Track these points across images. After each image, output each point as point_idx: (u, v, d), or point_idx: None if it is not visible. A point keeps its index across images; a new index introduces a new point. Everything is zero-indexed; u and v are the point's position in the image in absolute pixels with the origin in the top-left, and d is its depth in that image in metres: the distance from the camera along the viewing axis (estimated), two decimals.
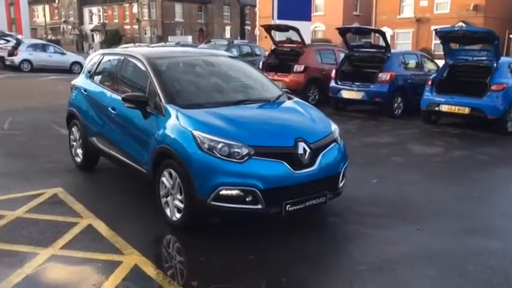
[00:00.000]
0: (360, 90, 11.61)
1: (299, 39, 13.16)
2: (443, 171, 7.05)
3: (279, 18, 16.34)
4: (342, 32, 12.50)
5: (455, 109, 9.97)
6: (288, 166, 4.27)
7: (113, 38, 56.34)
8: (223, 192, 4.16)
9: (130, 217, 4.97)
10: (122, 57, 5.80)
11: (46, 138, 8.64)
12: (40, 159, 7.17)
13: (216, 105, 4.84)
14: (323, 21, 39.91)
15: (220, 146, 4.20)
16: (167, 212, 4.65)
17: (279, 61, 13.96)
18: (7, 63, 25.13)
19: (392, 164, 7.33)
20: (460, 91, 10.01)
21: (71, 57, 25.98)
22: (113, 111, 5.48)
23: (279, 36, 14.74)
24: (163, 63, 5.33)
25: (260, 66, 13.92)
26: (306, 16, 17.49)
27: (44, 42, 28.91)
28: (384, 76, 11.30)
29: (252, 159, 4.20)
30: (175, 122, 4.54)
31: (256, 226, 4.73)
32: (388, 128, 10.27)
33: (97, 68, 6.35)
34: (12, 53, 24.98)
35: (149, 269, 3.80)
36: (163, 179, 4.63)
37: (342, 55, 13.31)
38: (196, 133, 4.32)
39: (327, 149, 4.65)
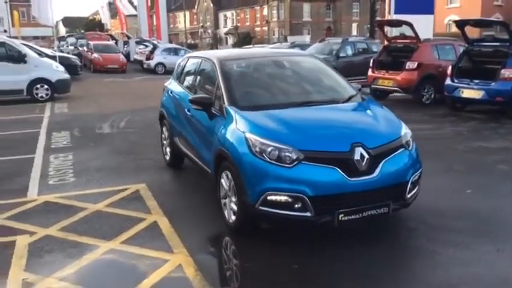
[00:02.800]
0: (479, 89, 10.45)
1: (413, 35, 12.31)
2: None
3: (396, 12, 15.48)
4: (460, 24, 11.40)
5: None
6: (342, 173, 4.00)
7: (244, 40, 58.51)
8: (271, 197, 4.03)
9: (197, 217, 5.07)
10: (200, 60, 5.96)
11: (152, 136, 9.18)
12: (139, 156, 7.69)
13: (278, 107, 4.71)
14: (459, 14, 36.88)
15: (269, 149, 4.08)
16: (226, 214, 4.66)
17: (392, 58, 13.22)
18: (145, 66, 27.52)
19: (496, 173, 6.46)
20: None
21: None
22: (188, 113, 5.66)
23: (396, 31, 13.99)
24: (232, 65, 5.37)
25: (370, 64, 13.31)
26: (428, 9, 16.28)
27: (176, 46, 31.16)
28: (508, 73, 10.03)
29: (301, 164, 4.00)
30: (233, 124, 4.53)
31: (310, 233, 4.49)
32: (507, 132, 9.09)
33: (182, 70, 6.62)
34: (149, 57, 27.30)
35: (190, 270, 3.83)
36: (222, 180, 4.65)
37: None
38: (249, 135, 4.26)
39: (393, 155, 4.25)
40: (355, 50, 17.21)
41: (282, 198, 4.02)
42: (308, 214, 4.00)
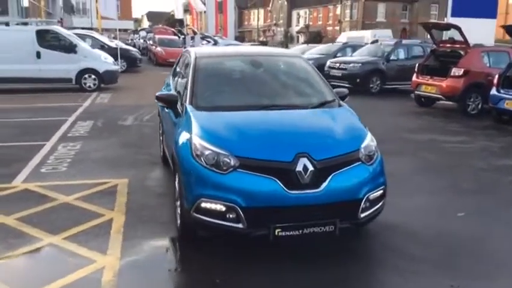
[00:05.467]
0: None
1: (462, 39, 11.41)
2: None
3: (453, 15, 14.42)
4: (509, 30, 10.38)
5: None
6: (281, 184, 3.66)
7: (314, 39, 57.64)
8: (205, 204, 3.78)
9: (157, 218, 4.84)
10: (187, 56, 5.79)
11: None
12: (141, 149, 7.67)
13: (237, 108, 4.43)
14: None
15: (207, 153, 3.83)
16: (177, 217, 4.46)
17: (439, 63, 12.34)
18: None
19: (506, 196, 5.73)
20: None
21: None
22: (166, 110, 5.51)
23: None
24: (207, 62, 5.15)
25: (415, 69, 12.50)
26: (490, 13, 15.03)
27: (236, 43, 31.20)
28: None
29: (236, 171, 3.72)
30: (185, 124, 4.32)
31: (258, 245, 4.14)
32: None
33: (176, 65, 6.50)
34: None
35: (109, 274, 3.67)
36: (176, 182, 4.45)
37: None
38: (194, 137, 4.03)
39: (345, 168, 3.85)
40: (408, 54, 16.26)
41: (216, 206, 3.76)
42: (240, 226, 3.71)
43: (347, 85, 15.76)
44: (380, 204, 4.11)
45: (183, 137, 4.21)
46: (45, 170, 6.52)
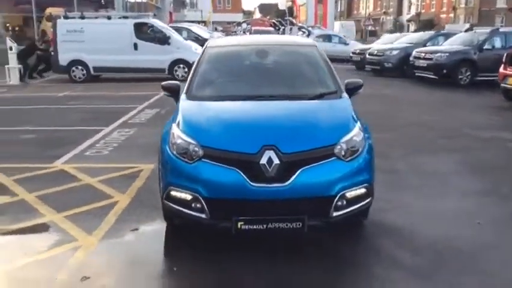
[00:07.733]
0: None
1: None
2: None
3: None
4: None
5: None
6: (244, 176, 3.55)
7: (425, 27, 54.52)
8: (174, 193, 3.81)
9: (158, 205, 4.90)
10: None
11: None
12: None
13: (226, 99, 4.37)
14: None
15: (179, 142, 3.85)
16: None
17: None
18: None
19: None
20: None
21: (353, 46, 26.53)
22: None
23: None
24: (213, 52, 5.13)
25: (503, 59, 11.28)
26: None
27: (331, 33, 30.47)
28: None
29: (201, 161, 3.68)
30: (175, 113, 4.38)
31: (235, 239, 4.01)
32: None
33: None
34: None
35: (80, 254, 3.86)
36: None
37: None
38: (173, 127, 4.07)
39: (316, 164, 3.62)
40: (507, 43, 14.70)
41: (182, 195, 3.76)
42: (204, 216, 3.68)
43: (432, 76, 14.79)
44: (362, 203, 3.81)
45: (168, 126, 4.26)
46: (89, 153, 7.00)
